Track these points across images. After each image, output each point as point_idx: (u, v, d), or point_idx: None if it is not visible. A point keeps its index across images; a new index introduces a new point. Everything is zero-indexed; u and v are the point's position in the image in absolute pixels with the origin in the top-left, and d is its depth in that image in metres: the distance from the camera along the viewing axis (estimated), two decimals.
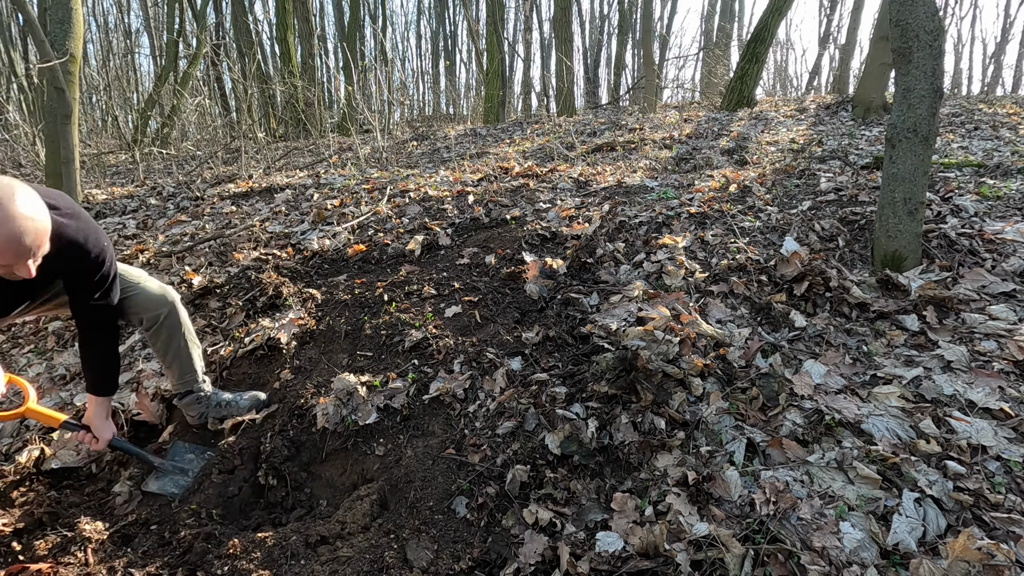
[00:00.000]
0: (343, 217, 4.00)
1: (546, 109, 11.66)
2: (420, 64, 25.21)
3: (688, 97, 14.63)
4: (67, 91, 4.58)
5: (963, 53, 32.31)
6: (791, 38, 52.14)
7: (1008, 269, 2.45)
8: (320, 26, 18.46)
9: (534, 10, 16.48)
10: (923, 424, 1.77)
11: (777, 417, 1.89)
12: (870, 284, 2.49)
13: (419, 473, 1.93)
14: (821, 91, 16.04)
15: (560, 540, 1.62)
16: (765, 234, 2.99)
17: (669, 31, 20.70)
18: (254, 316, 2.85)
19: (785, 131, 6.28)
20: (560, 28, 11.27)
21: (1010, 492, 1.54)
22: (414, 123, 13.67)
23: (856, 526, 1.49)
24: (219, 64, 10.35)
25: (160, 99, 11.00)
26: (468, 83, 21.95)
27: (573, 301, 2.57)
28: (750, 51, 8.21)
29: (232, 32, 12.34)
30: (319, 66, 12.54)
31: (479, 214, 3.60)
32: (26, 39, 10.36)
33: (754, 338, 2.24)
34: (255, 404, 2.27)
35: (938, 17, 2.40)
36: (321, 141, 8.46)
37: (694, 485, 1.68)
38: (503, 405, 2.10)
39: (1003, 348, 2.02)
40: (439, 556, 1.66)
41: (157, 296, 2.03)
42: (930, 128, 2.42)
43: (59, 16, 4.76)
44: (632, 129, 7.18)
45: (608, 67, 19.80)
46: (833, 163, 4.31)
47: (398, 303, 2.74)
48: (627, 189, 3.98)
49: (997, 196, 3.16)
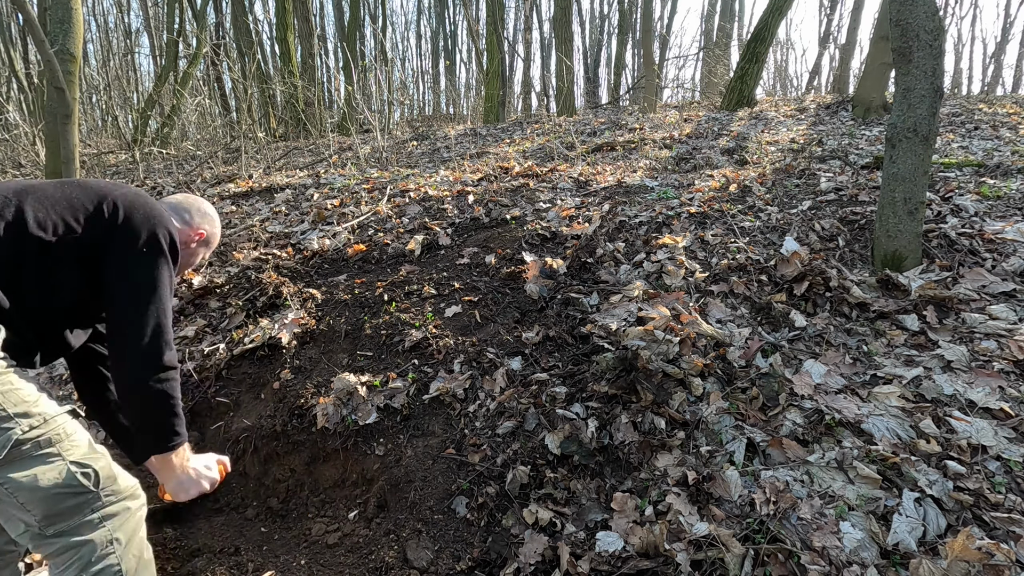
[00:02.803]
0: (343, 217, 3.99)
1: (546, 109, 11.66)
2: (420, 64, 25.22)
3: (688, 97, 14.63)
4: (67, 91, 4.58)
5: (963, 53, 32.30)
6: (791, 38, 52.11)
7: (1008, 269, 2.45)
8: (320, 26, 18.47)
9: (534, 10, 16.48)
10: (923, 424, 1.77)
11: (777, 417, 1.89)
12: (870, 284, 2.49)
13: (419, 473, 1.93)
14: (821, 91, 16.02)
15: (560, 540, 1.62)
16: (765, 234, 2.99)
17: (669, 31, 20.71)
18: (254, 316, 2.85)
19: (785, 131, 6.28)
20: (560, 28, 11.27)
21: (1010, 492, 1.54)
22: (414, 123, 13.68)
23: (856, 526, 1.49)
24: (219, 64, 10.35)
25: (160, 99, 11.00)
26: (468, 83, 21.96)
27: (573, 301, 2.57)
28: (750, 51, 8.20)
29: (232, 32, 12.33)
30: (319, 66, 12.54)
31: (479, 214, 3.60)
32: (26, 39, 10.36)
33: (754, 338, 2.24)
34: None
35: (938, 17, 2.40)
36: (321, 141, 8.47)
37: (694, 485, 1.68)
38: (503, 405, 2.10)
39: (1003, 348, 2.02)
40: (439, 556, 1.66)
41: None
42: (930, 128, 2.42)
43: (59, 16, 4.77)
44: (632, 129, 7.17)
45: (608, 67, 19.80)
46: (833, 163, 4.31)
47: (398, 303, 2.74)
48: (627, 189, 3.98)
49: (997, 196, 3.15)
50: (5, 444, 1.01)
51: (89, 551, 1.10)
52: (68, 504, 1.08)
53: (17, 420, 1.03)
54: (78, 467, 1.10)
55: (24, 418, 1.04)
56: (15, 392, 1.05)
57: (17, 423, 1.03)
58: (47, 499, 1.06)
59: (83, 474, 1.10)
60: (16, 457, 1.03)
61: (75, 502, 1.09)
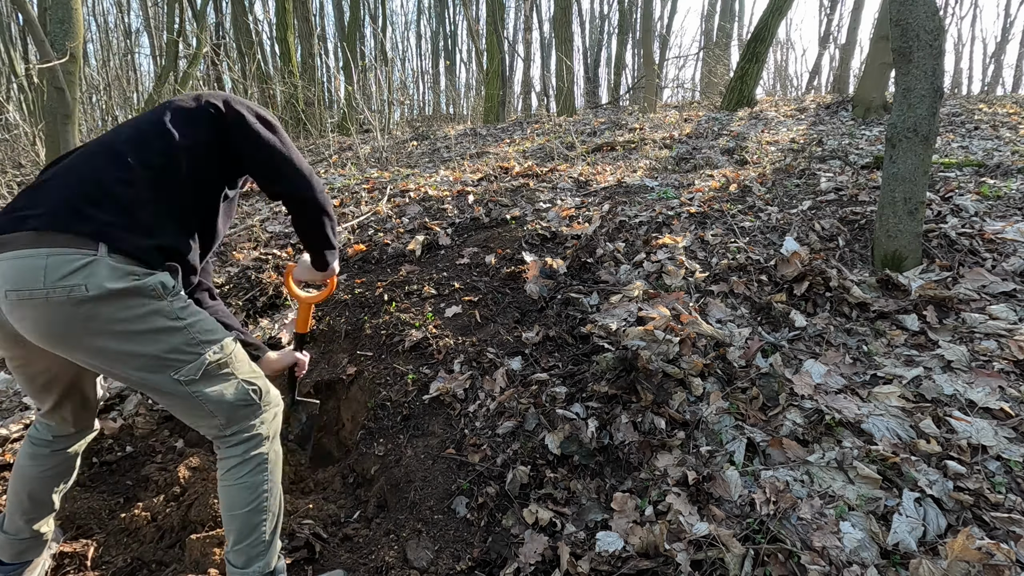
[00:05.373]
0: (343, 217, 3.99)
1: (546, 109, 11.66)
2: (420, 64, 25.21)
3: (688, 97, 14.62)
4: (67, 91, 4.58)
5: (963, 53, 32.31)
6: (791, 38, 52.15)
7: (1008, 269, 2.45)
8: (320, 26, 18.46)
9: (534, 10, 16.47)
10: (923, 424, 1.77)
11: (777, 417, 1.89)
12: (870, 284, 2.49)
13: (419, 473, 1.93)
14: (821, 91, 16.03)
15: (560, 540, 1.62)
16: (765, 234, 2.99)
17: (669, 31, 20.70)
18: (254, 316, 2.85)
19: (785, 131, 6.28)
20: (560, 28, 11.27)
21: (1010, 492, 1.54)
22: (414, 123, 13.66)
23: (856, 526, 1.49)
24: (219, 64, 10.35)
25: (160, 99, 10.99)
26: (468, 83, 21.96)
27: (573, 301, 2.57)
28: (750, 51, 8.20)
29: (232, 32, 12.33)
30: (319, 66, 12.53)
31: (479, 214, 3.60)
32: (26, 39, 10.35)
33: (754, 338, 2.24)
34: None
35: (938, 17, 2.40)
36: (321, 141, 8.46)
37: (694, 485, 1.68)
38: (503, 405, 2.10)
39: (1003, 348, 2.02)
40: (439, 556, 1.66)
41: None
42: (930, 128, 2.42)
43: (59, 16, 4.76)
44: (632, 129, 7.17)
45: (608, 67, 19.79)
46: (833, 163, 4.31)
47: (398, 303, 2.74)
48: (627, 189, 3.98)
49: (997, 196, 3.15)
50: (201, 366, 1.30)
51: (254, 442, 1.41)
52: (242, 412, 1.39)
53: (205, 346, 1.31)
54: (247, 384, 1.40)
55: (210, 344, 1.32)
56: (200, 322, 1.31)
57: (207, 347, 1.31)
58: (228, 407, 1.35)
59: (253, 390, 1.41)
60: (206, 375, 1.31)
61: (246, 411, 1.40)
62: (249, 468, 1.40)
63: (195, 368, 1.28)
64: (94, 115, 12.74)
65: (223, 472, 1.41)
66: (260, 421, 1.42)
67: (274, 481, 1.45)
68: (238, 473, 1.39)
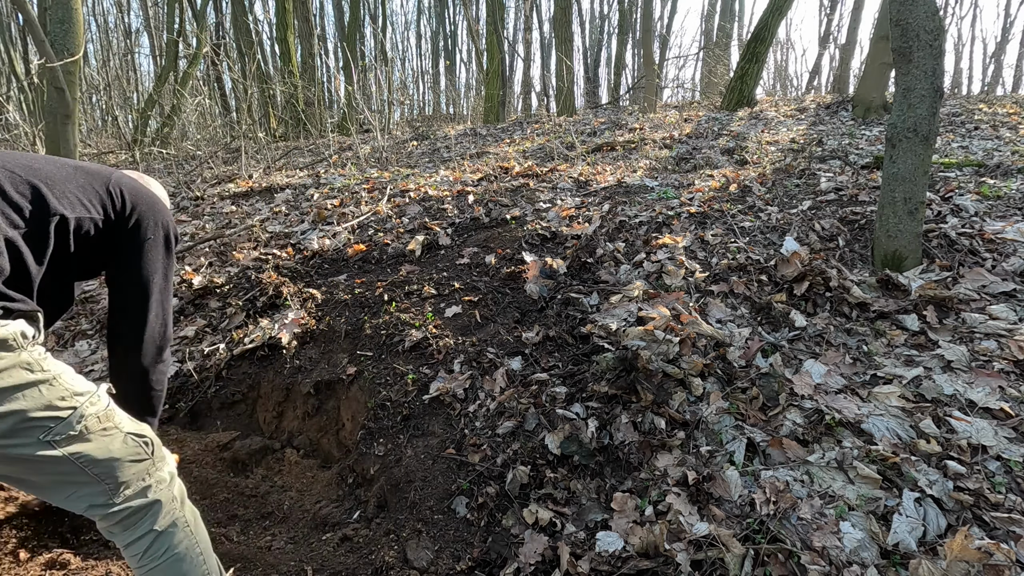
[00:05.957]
0: (343, 217, 3.99)
1: (546, 109, 11.66)
2: (420, 64, 25.20)
3: (688, 97, 14.62)
4: (67, 91, 4.58)
5: (963, 53, 32.31)
6: (791, 38, 52.12)
7: (1008, 269, 2.45)
8: (320, 26, 18.46)
9: (534, 10, 16.47)
10: (923, 424, 1.77)
11: (777, 417, 1.89)
12: (870, 284, 2.49)
13: (419, 473, 1.93)
14: (821, 91, 16.03)
15: (560, 540, 1.62)
16: (765, 234, 2.99)
17: (669, 31, 20.69)
18: (254, 316, 2.85)
19: (785, 131, 6.28)
20: (560, 28, 11.26)
21: (1010, 492, 1.54)
22: (414, 123, 13.66)
23: (856, 526, 1.49)
24: (219, 64, 10.35)
25: (160, 99, 10.99)
26: (468, 83, 21.96)
27: (573, 301, 2.57)
28: (750, 51, 8.20)
29: (232, 32, 12.33)
30: (319, 66, 12.53)
31: (479, 214, 3.60)
32: (26, 39, 10.35)
33: (754, 338, 2.24)
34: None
35: (938, 17, 2.40)
36: (321, 141, 8.46)
37: (694, 485, 1.68)
38: (503, 405, 2.10)
39: (1003, 348, 2.02)
40: (439, 556, 1.66)
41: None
42: (930, 128, 2.42)
43: (59, 16, 4.76)
44: (632, 129, 7.17)
45: (608, 67, 19.79)
46: (833, 163, 4.31)
47: (398, 303, 2.74)
48: (627, 189, 3.98)
49: (997, 196, 3.15)
50: (80, 419, 1.08)
51: (157, 507, 1.19)
52: (133, 469, 1.17)
53: (78, 398, 1.10)
54: (136, 437, 1.19)
55: (81, 396, 1.11)
56: (67, 372, 1.11)
57: (79, 399, 1.10)
58: (116, 466, 1.13)
59: (144, 442, 1.20)
60: (85, 432, 1.10)
61: (139, 467, 1.18)
62: (169, 540, 1.19)
63: (70, 424, 1.07)
64: (94, 115, 12.74)
65: (138, 561, 1.18)
66: (157, 481, 1.21)
67: (204, 547, 1.27)
68: (157, 550, 1.18)
